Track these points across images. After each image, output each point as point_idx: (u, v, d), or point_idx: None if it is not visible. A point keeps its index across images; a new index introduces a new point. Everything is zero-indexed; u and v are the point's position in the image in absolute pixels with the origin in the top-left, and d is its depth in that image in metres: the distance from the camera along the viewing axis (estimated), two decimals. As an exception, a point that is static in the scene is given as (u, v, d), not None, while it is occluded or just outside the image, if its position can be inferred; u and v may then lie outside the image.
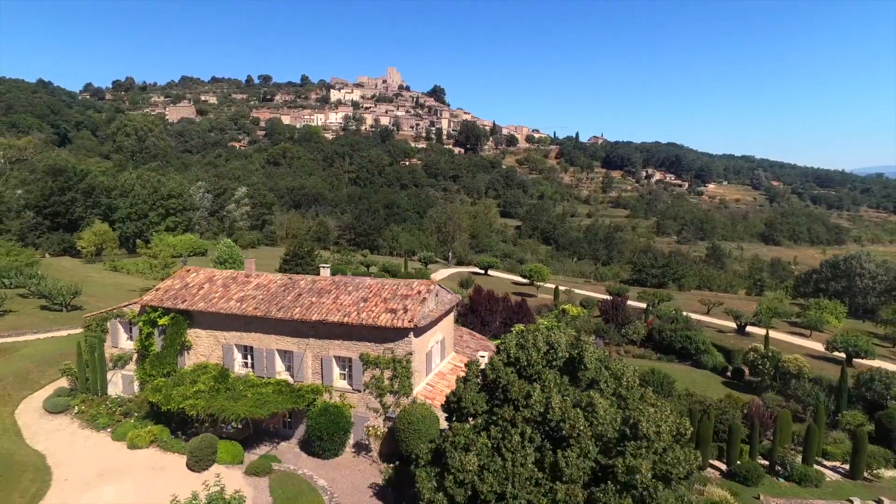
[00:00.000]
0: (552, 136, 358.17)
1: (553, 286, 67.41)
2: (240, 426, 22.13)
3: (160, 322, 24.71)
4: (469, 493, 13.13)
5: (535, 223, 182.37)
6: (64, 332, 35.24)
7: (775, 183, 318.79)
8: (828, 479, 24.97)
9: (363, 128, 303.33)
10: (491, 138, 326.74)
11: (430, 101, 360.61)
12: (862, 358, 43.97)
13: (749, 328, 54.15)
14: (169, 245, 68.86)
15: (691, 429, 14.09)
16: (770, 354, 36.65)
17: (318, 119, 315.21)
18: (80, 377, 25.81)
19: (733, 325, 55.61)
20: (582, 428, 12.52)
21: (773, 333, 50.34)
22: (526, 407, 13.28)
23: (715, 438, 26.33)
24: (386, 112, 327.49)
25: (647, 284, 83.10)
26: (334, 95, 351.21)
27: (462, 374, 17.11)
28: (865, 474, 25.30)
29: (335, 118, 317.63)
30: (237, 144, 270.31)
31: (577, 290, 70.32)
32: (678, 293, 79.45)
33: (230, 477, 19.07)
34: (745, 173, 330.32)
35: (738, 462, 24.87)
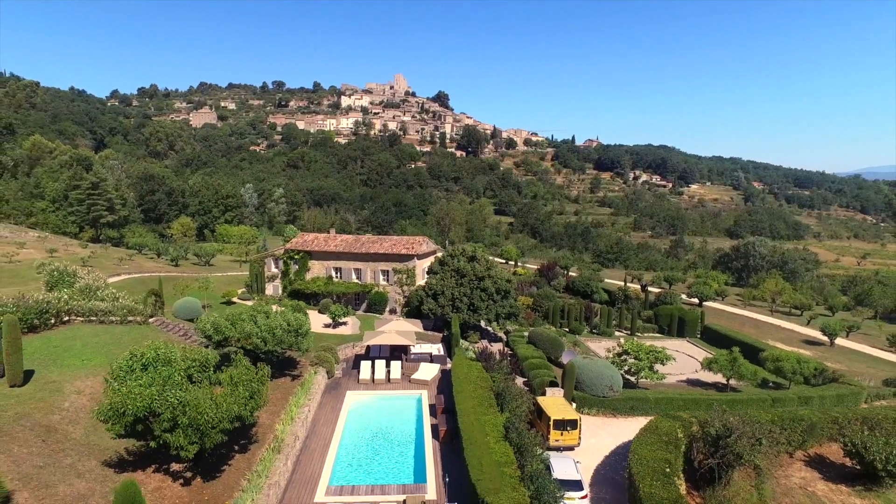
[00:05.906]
0: (549, 139, 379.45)
1: (516, 261, 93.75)
2: (335, 298, 48.92)
3: (295, 257, 51.40)
4: (432, 291, 39.55)
5: (525, 220, 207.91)
6: (219, 274, 62.16)
7: (756, 184, 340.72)
8: (617, 334, 51.29)
9: (372, 132, 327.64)
10: (491, 142, 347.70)
11: (435, 107, 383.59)
12: (706, 300, 70.04)
13: (650, 288, 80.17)
14: (236, 233, 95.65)
15: (513, 280, 40.72)
16: (624, 288, 62.94)
17: (330, 124, 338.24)
18: (253, 286, 52.61)
19: (639, 286, 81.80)
20: (470, 271, 39.02)
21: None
22: (451, 265, 39.80)
23: (567, 317, 52.53)
24: (393, 117, 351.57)
25: (603, 265, 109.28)
26: (345, 101, 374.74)
27: (435, 268, 43.81)
28: (637, 333, 51.56)
29: (346, 123, 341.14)
30: (257, 148, 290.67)
31: (532, 267, 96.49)
32: (622, 270, 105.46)
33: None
34: (727, 174, 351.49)
35: (572, 325, 51.21)
